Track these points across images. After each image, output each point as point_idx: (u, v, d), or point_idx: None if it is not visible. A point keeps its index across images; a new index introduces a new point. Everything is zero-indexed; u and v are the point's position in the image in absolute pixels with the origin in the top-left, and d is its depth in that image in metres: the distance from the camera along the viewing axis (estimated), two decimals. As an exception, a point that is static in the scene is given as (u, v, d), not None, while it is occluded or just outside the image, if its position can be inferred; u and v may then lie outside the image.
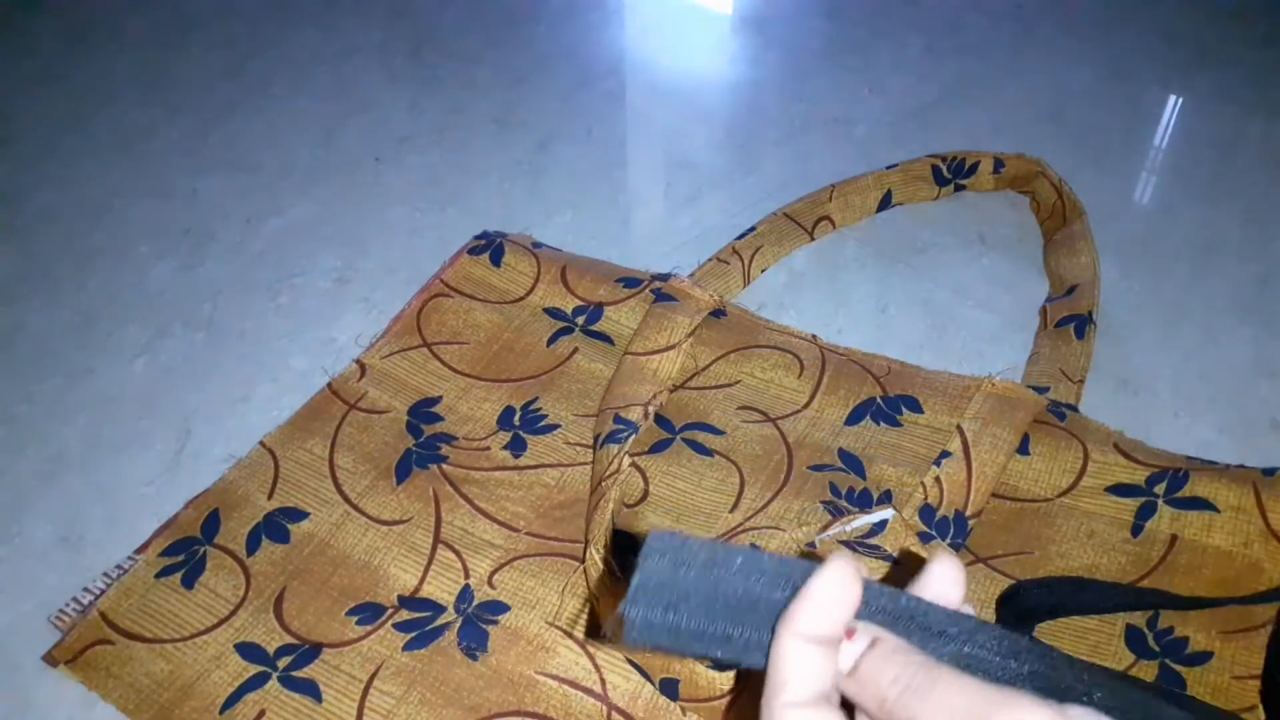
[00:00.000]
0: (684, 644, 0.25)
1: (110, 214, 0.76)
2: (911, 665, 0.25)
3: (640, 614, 0.25)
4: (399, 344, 0.63)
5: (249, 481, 0.56)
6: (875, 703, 0.25)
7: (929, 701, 0.24)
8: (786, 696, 0.25)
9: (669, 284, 0.64)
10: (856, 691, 0.25)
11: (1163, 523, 0.51)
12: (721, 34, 0.99)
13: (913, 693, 0.24)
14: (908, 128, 0.83)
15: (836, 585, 0.25)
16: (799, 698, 0.25)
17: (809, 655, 0.25)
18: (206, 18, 0.99)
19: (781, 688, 0.25)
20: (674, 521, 0.53)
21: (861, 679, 0.25)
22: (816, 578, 0.25)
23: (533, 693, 0.47)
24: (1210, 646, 0.46)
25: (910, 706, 0.24)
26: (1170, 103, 0.87)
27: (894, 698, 0.25)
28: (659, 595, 0.25)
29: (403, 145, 0.83)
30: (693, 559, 0.25)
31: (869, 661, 0.25)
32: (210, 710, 0.46)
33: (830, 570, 0.25)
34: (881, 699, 0.25)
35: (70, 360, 0.64)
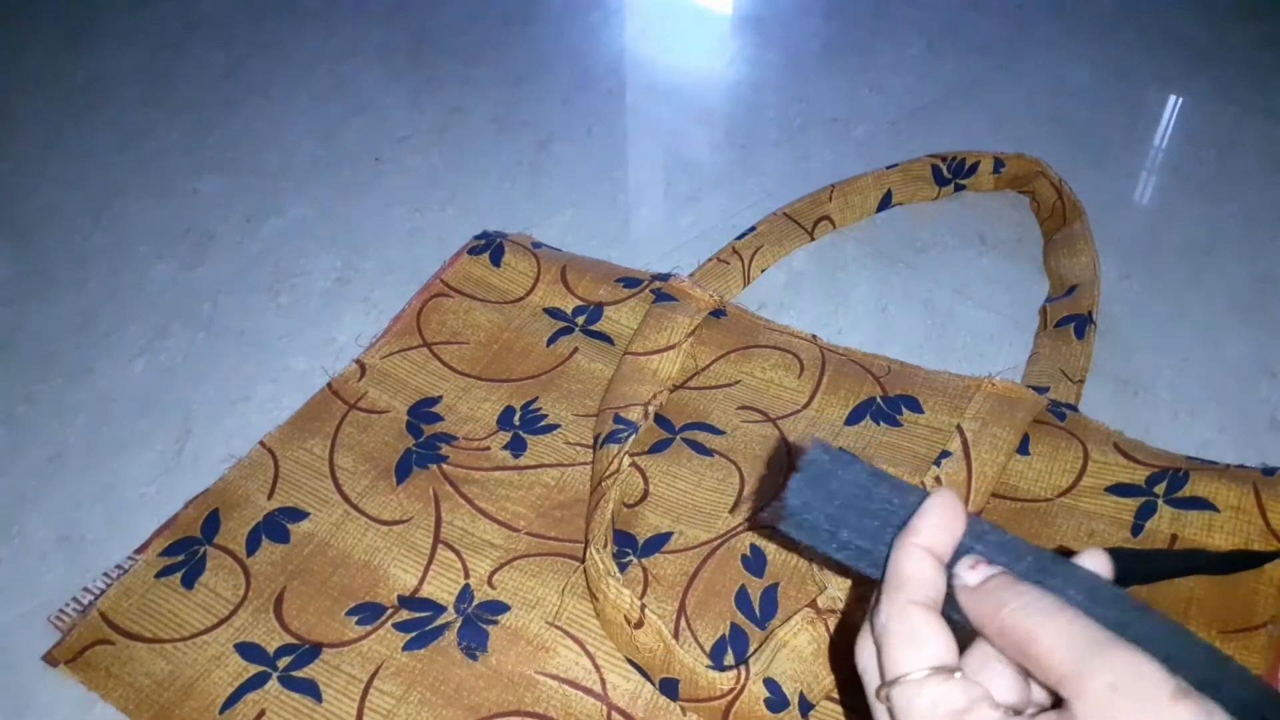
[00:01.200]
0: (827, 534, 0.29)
1: (110, 214, 0.76)
2: (1035, 592, 0.27)
3: (801, 497, 0.29)
4: (399, 344, 0.63)
5: (249, 481, 0.56)
6: (993, 611, 0.27)
7: (1050, 624, 0.25)
8: (910, 594, 0.28)
9: (669, 284, 0.64)
10: (978, 603, 0.28)
11: (1163, 522, 0.51)
12: (721, 34, 0.99)
13: (1037, 612, 0.26)
14: (908, 128, 0.83)
15: (947, 508, 0.28)
16: (919, 597, 0.27)
17: (927, 563, 0.28)
18: (206, 18, 0.99)
19: (904, 584, 0.28)
20: (674, 521, 0.53)
21: (987, 592, 0.27)
22: (930, 500, 0.29)
23: (533, 693, 0.47)
24: (1210, 646, 0.46)
25: (1030, 621, 0.26)
26: (1170, 103, 0.87)
27: (1014, 609, 0.26)
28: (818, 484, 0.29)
29: (403, 145, 0.83)
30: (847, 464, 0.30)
31: (998, 581, 0.27)
32: (210, 710, 0.46)
33: (939, 496, 0.29)
34: (1000, 606, 0.27)
35: (70, 360, 0.64)
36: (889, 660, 0.27)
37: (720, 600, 0.50)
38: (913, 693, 0.26)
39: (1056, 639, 0.25)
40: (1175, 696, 0.23)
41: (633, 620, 0.46)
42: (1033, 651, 0.26)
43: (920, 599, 0.27)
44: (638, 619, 0.46)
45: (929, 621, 0.27)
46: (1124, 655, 0.24)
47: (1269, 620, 0.47)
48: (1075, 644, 0.25)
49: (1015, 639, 0.26)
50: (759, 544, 0.52)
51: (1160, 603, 0.48)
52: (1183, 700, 0.23)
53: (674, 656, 0.45)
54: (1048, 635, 0.25)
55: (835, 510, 0.29)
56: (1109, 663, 0.24)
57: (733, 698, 0.44)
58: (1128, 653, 0.24)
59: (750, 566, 0.51)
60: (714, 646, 0.48)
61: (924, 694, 0.26)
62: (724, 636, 0.48)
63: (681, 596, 0.50)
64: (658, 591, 0.50)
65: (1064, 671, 0.25)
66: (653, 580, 0.51)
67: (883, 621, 0.28)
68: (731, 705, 0.44)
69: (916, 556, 0.28)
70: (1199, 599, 0.48)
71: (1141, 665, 0.24)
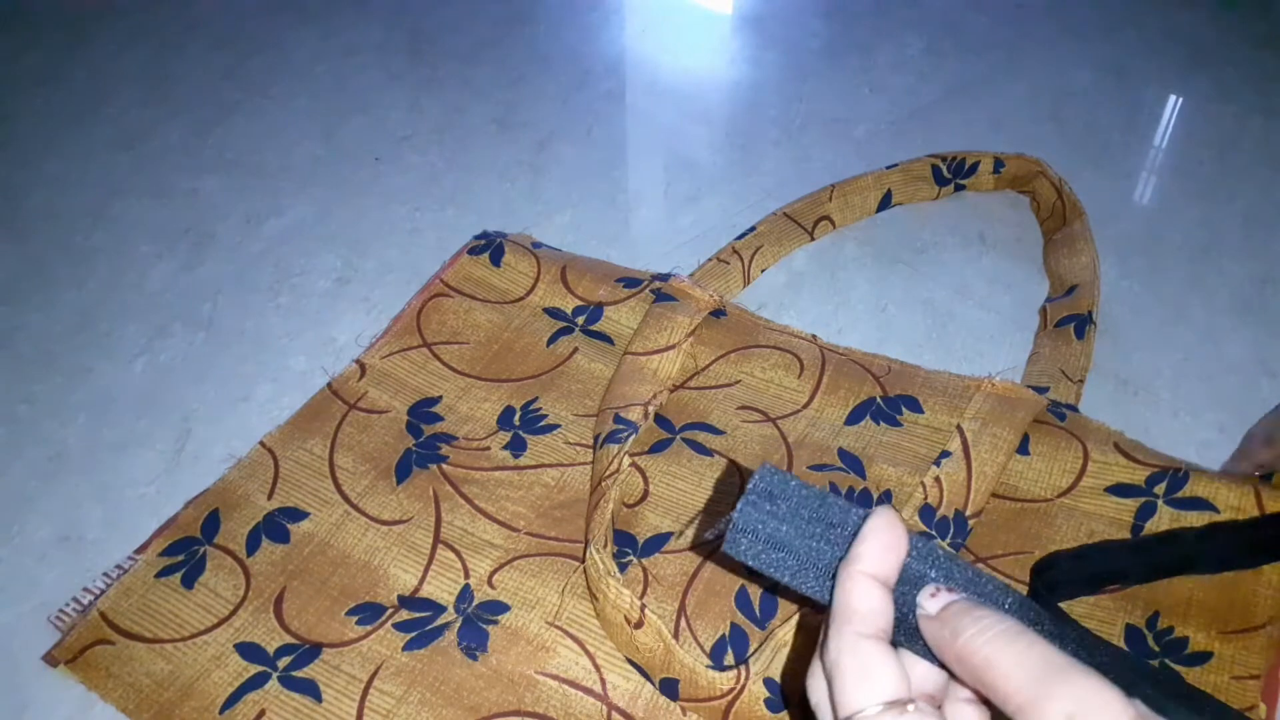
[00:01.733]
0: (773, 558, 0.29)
1: (110, 214, 0.76)
2: (994, 618, 0.26)
3: (746, 520, 0.28)
4: (399, 344, 0.63)
5: (249, 481, 0.56)
6: (951, 637, 0.26)
7: (1008, 650, 0.25)
8: (858, 627, 0.27)
9: (669, 284, 0.64)
10: (936, 630, 0.27)
11: (1163, 523, 0.51)
12: (721, 34, 0.99)
13: (995, 639, 0.26)
14: (908, 128, 0.83)
15: (886, 530, 0.28)
16: (868, 630, 0.27)
17: (874, 592, 0.27)
18: (206, 18, 0.99)
19: (851, 617, 0.27)
20: (674, 521, 0.53)
21: (944, 620, 0.27)
22: (870, 523, 0.28)
23: (533, 693, 0.47)
24: (1210, 646, 0.46)
25: (987, 647, 0.26)
26: (1170, 103, 0.87)
27: (971, 634, 0.26)
28: (764, 506, 0.28)
29: (403, 145, 0.83)
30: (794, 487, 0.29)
31: (956, 606, 0.27)
32: (210, 710, 0.46)
33: (877, 518, 0.28)
34: (958, 633, 0.26)
35: (70, 360, 0.64)
36: (841, 698, 0.26)
37: (720, 600, 0.50)
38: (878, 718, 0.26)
39: (1013, 666, 0.25)
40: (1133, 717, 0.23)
41: (633, 620, 0.46)
42: (988, 678, 0.25)
43: (869, 631, 0.27)
44: (638, 619, 0.46)
45: (879, 654, 0.27)
46: (1081, 681, 0.24)
47: (1268, 620, 0.47)
48: (1032, 670, 0.24)
49: (972, 666, 0.26)
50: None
51: (1161, 603, 0.48)
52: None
53: (674, 656, 0.45)
54: (1005, 661, 0.25)
55: (781, 534, 0.28)
56: (1067, 689, 0.24)
57: (733, 698, 0.44)
58: (1086, 678, 0.24)
59: (750, 566, 0.51)
60: (714, 646, 0.48)
61: None
62: (724, 636, 0.48)
63: (681, 596, 0.50)
64: (658, 591, 0.50)
65: (1020, 700, 0.24)
66: (653, 580, 0.51)
67: (833, 657, 0.27)
68: (731, 705, 0.44)
69: (862, 586, 0.27)
70: (1199, 600, 0.48)
71: (1100, 692, 0.23)
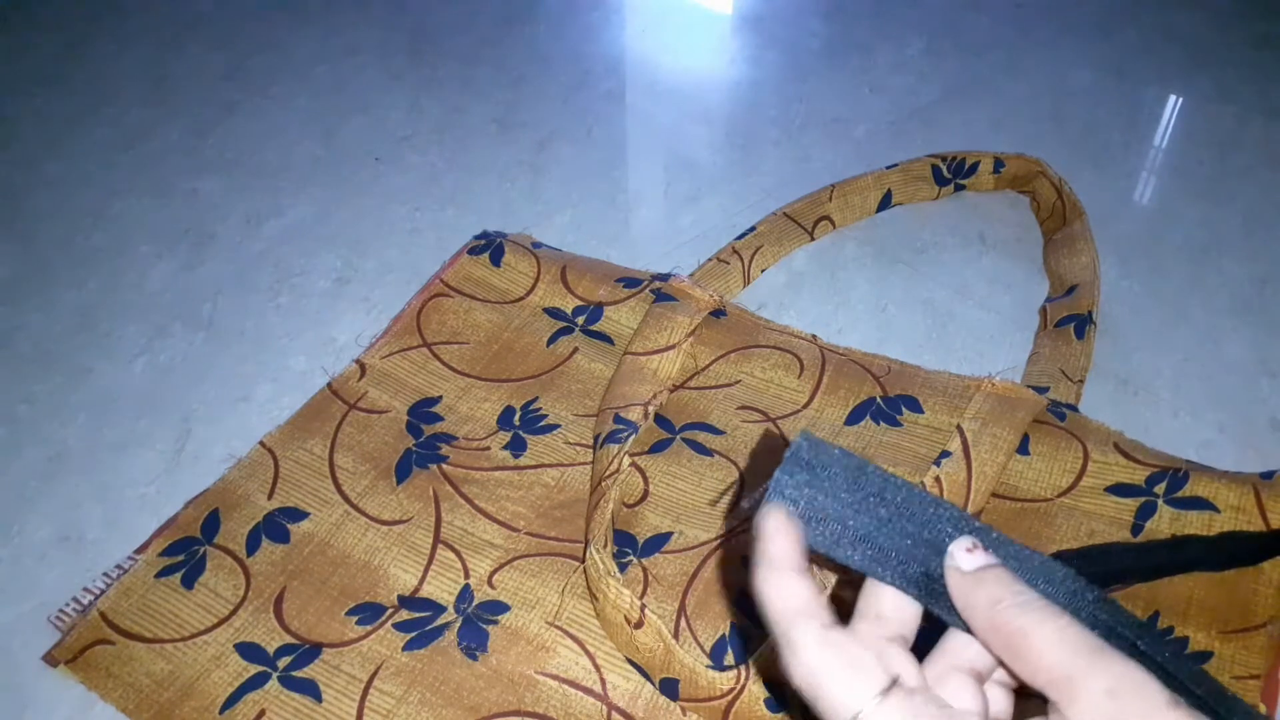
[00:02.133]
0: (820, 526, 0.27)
1: (110, 214, 0.76)
2: (1033, 594, 0.26)
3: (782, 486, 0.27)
4: (399, 344, 0.63)
5: (249, 481, 0.56)
6: (988, 602, 0.26)
7: (1048, 625, 0.25)
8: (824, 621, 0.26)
9: (669, 284, 0.64)
10: (968, 590, 0.27)
11: (1163, 523, 0.51)
12: (721, 34, 0.99)
13: (1033, 610, 0.26)
14: (908, 128, 0.83)
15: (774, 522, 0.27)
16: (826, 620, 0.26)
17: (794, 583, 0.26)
18: (206, 18, 0.99)
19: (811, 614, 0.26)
20: (674, 521, 0.53)
21: (982, 581, 0.27)
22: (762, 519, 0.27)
23: (533, 693, 0.47)
24: (1210, 646, 0.46)
25: (1025, 618, 0.26)
26: (1170, 102, 0.87)
27: (1009, 604, 0.26)
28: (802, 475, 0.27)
29: (403, 145, 0.83)
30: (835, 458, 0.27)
31: (995, 571, 0.27)
32: (210, 710, 0.46)
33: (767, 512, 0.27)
34: (996, 600, 0.26)
35: (70, 360, 0.64)
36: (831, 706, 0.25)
37: (720, 600, 0.50)
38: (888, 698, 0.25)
39: (1052, 641, 0.25)
40: (1171, 705, 0.23)
41: (633, 620, 0.46)
42: (1025, 651, 0.25)
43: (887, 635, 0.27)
44: (638, 619, 0.46)
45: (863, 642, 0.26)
46: (1120, 663, 0.24)
47: (1269, 620, 0.47)
48: (1072, 648, 0.25)
49: (1006, 635, 0.26)
50: (759, 544, 0.52)
51: (1161, 602, 0.48)
52: (1177, 709, 0.23)
53: (674, 656, 0.45)
54: (1043, 636, 0.25)
55: (819, 504, 0.27)
56: (1106, 668, 0.24)
57: (733, 698, 0.44)
58: (1124, 662, 0.24)
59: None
60: (714, 646, 0.48)
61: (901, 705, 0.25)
62: (724, 636, 0.48)
63: (681, 596, 0.50)
64: (658, 591, 0.50)
65: (1057, 674, 0.25)
66: (653, 580, 0.51)
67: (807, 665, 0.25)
68: (731, 705, 0.44)
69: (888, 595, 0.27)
70: (1199, 599, 0.48)
71: (1137, 673, 0.24)
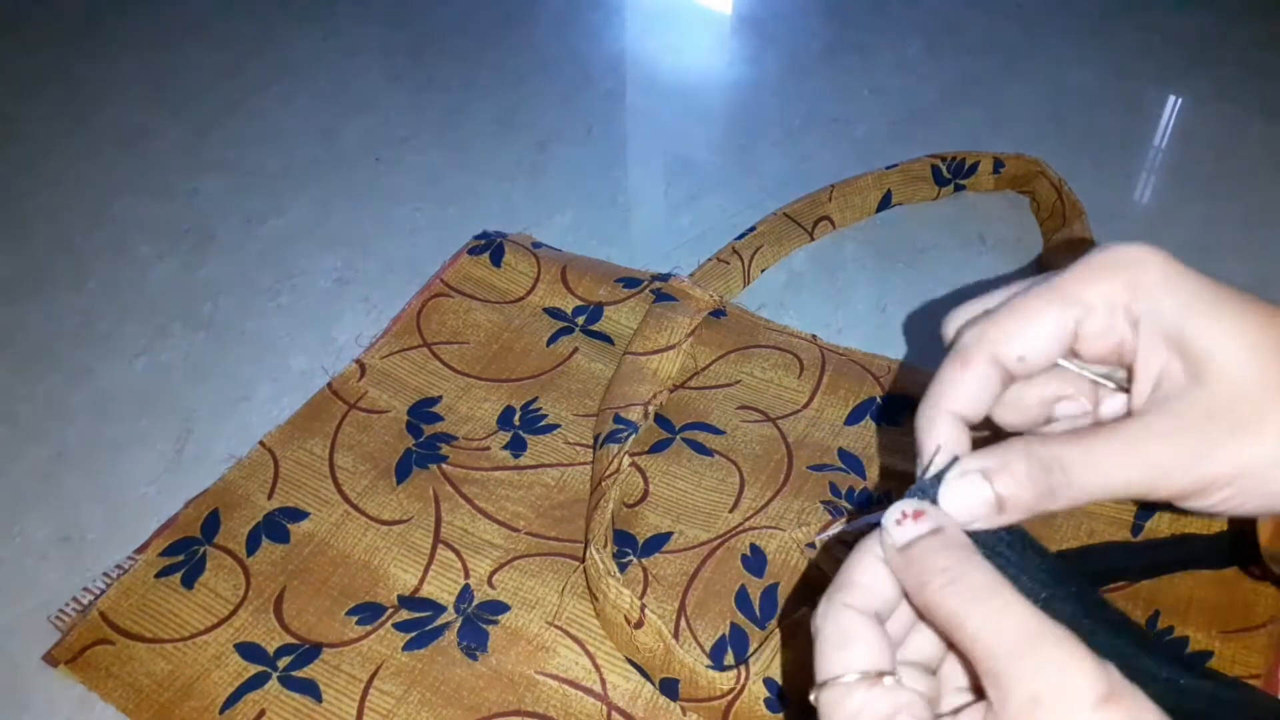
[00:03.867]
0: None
1: (110, 214, 0.76)
2: (968, 565, 0.25)
3: None
4: (399, 344, 0.63)
5: (249, 481, 0.56)
6: (916, 585, 0.25)
7: (977, 609, 0.24)
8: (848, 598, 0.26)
9: (669, 284, 0.64)
10: (902, 568, 0.26)
11: (1163, 523, 0.51)
12: (721, 34, 0.99)
13: (962, 592, 0.24)
14: (908, 128, 0.83)
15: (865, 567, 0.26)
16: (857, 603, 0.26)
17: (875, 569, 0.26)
18: (206, 18, 0.99)
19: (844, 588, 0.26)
20: (674, 521, 0.53)
21: (912, 558, 0.25)
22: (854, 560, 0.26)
23: (533, 693, 0.47)
24: (1210, 646, 0.46)
25: (953, 602, 0.24)
26: (1170, 103, 0.87)
27: (938, 587, 0.24)
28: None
29: (403, 145, 0.83)
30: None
31: (925, 543, 0.25)
32: (210, 710, 0.46)
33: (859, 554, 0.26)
34: (923, 583, 0.25)
35: (70, 360, 0.64)
36: (820, 663, 0.26)
37: (720, 600, 0.50)
38: (839, 697, 0.25)
39: (983, 629, 0.24)
40: (1102, 703, 0.22)
41: (633, 620, 0.46)
42: (958, 637, 0.24)
43: (858, 604, 0.26)
44: (638, 619, 0.46)
45: (862, 625, 0.26)
46: (1052, 655, 0.23)
47: (1269, 620, 0.47)
48: (1003, 638, 0.23)
49: (940, 619, 0.25)
50: (759, 544, 0.52)
51: (1161, 602, 0.48)
52: (1110, 706, 0.22)
53: (674, 656, 0.45)
54: (973, 623, 0.24)
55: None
56: (1035, 665, 0.23)
57: (733, 698, 0.44)
58: (1058, 651, 0.23)
59: (750, 566, 0.51)
60: (714, 646, 0.48)
61: (850, 699, 0.25)
62: (724, 636, 0.48)
63: (681, 596, 0.50)
64: (658, 591, 0.50)
65: (987, 668, 0.23)
66: (653, 580, 0.51)
67: (817, 624, 0.26)
68: (731, 705, 0.44)
69: (866, 562, 0.26)
70: (1199, 599, 0.48)
71: (1070, 667, 0.22)
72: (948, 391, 0.28)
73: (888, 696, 0.24)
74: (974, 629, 0.24)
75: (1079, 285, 0.27)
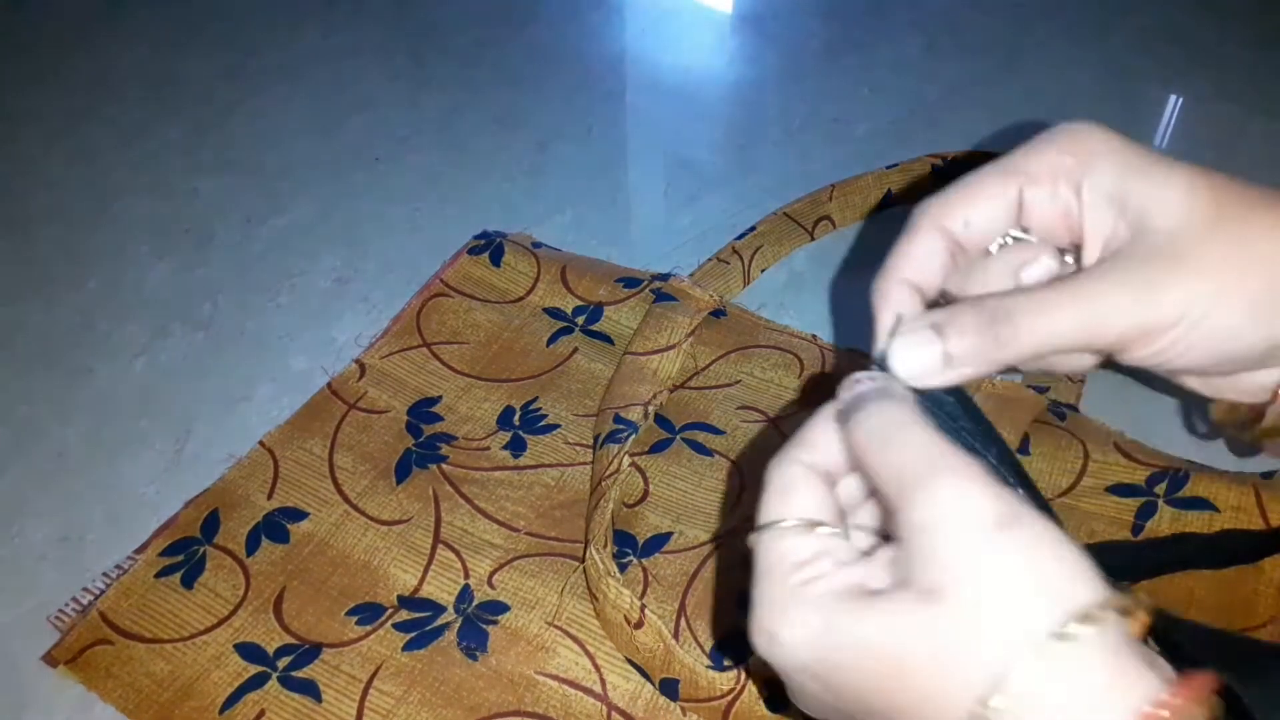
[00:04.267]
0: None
1: (110, 214, 0.76)
2: (887, 418, 0.25)
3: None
4: (399, 344, 0.63)
5: (249, 481, 0.56)
6: (849, 435, 0.26)
7: (884, 454, 0.24)
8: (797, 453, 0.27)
9: (669, 284, 0.64)
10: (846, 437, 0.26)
11: (1163, 523, 0.51)
12: (721, 33, 0.99)
13: (876, 444, 0.25)
14: (908, 128, 0.83)
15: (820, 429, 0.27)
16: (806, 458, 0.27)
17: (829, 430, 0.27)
18: (207, 18, 0.99)
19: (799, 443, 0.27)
20: (674, 521, 0.53)
21: (849, 426, 0.26)
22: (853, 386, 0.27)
23: (533, 693, 0.47)
24: (1210, 646, 0.46)
25: (870, 457, 0.25)
26: (1170, 103, 0.87)
27: (861, 446, 0.25)
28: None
29: (403, 145, 0.82)
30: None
31: (858, 412, 0.26)
32: (210, 710, 0.46)
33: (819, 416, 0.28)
34: (852, 430, 0.26)
35: (70, 360, 0.64)
36: (762, 509, 0.26)
37: (720, 601, 0.50)
38: (772, 539, 0.25)
39: (886, 462, 0.24)
40: (997, 527, 0.22)
41: (633, 620, 0.46)
42: (870, 476, 0.25)
43: (805, 459, 0.26)
44: (638, 619, 0.46)
45: (807, 478, 0.26)
46: (950, 482, 0.23)
47: (1269, 620, 0.47)
48: (907, 467, 0.23)
49: (859, 460, 0.25)
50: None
51: (1161, 602, 0.48)
52: (1006, 531, 0.22)
53: (674, 657, 0.45)
54: (878, 457, 0.24)
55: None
56: (933, 493, 0.23)
57: (733, 698, 0.44)
58: (955, 478, 0.23)
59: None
60: (714, 647, 0.48)
61: (780, 542, 0.25)
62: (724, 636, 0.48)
63: (681, 596, 0.50)
64: (658, 591, 0.50)
65: (892, 500, 0.24)
66: (653, 580, 0.51)
67: (768, 474, 0.27)
68: (731, 705, 0.44)
69: (824, 425, 0.27)
70: (1199, 598, 0.48)
71: (970, 493, 0.22)
72: (897, 262, 0.29)
73: (816, 542, 0.25)
74: (878, 462, 0.24)
75: (1023, 158, 0.28)
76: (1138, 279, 0.25)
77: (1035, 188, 0.28)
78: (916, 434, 0.24)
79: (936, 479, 0.23)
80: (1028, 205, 0.28)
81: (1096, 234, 0.27)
